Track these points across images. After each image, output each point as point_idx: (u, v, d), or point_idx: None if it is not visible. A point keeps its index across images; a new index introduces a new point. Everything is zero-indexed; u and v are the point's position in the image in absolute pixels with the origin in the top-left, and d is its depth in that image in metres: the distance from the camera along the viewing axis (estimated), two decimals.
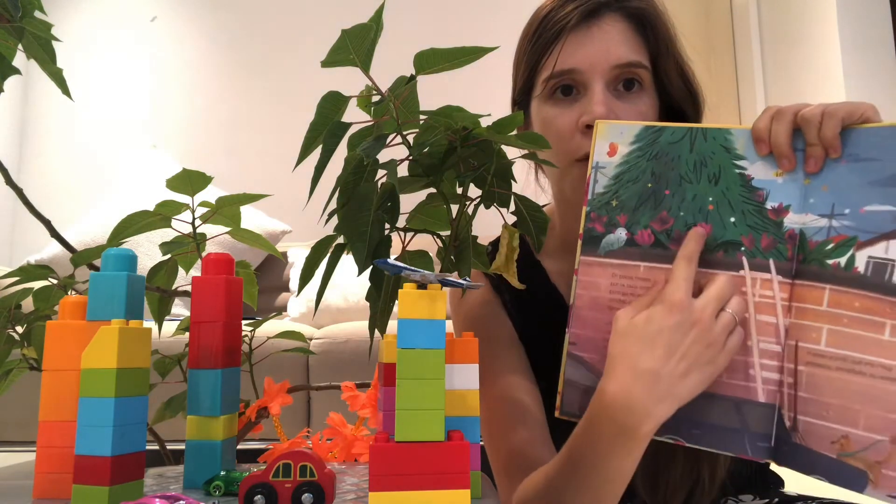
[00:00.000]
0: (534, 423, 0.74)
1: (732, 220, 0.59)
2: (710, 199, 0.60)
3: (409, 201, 0.61)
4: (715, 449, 0.58)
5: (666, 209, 0.62)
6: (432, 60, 0.58)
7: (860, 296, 0.53)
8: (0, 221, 2.92)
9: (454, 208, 0.62)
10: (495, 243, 0.82)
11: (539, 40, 0.74)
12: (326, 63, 0.57)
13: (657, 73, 0.75)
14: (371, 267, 0.59)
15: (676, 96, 0.76)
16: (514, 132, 0.59)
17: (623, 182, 0.64)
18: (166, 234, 0.76)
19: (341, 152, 0.59)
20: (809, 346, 0.55)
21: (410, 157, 0.60)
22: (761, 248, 0.58)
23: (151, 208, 0.75)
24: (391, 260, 0.51)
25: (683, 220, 0.61)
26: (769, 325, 0.57)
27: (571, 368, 0.64)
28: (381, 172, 0.59)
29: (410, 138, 0.59)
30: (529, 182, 0.87)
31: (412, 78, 0.58)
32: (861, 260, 0.54)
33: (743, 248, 0.59)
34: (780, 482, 0.87)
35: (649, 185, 0.63)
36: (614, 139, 0.64)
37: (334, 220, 0.60)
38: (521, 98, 0.80)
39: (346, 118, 0.59)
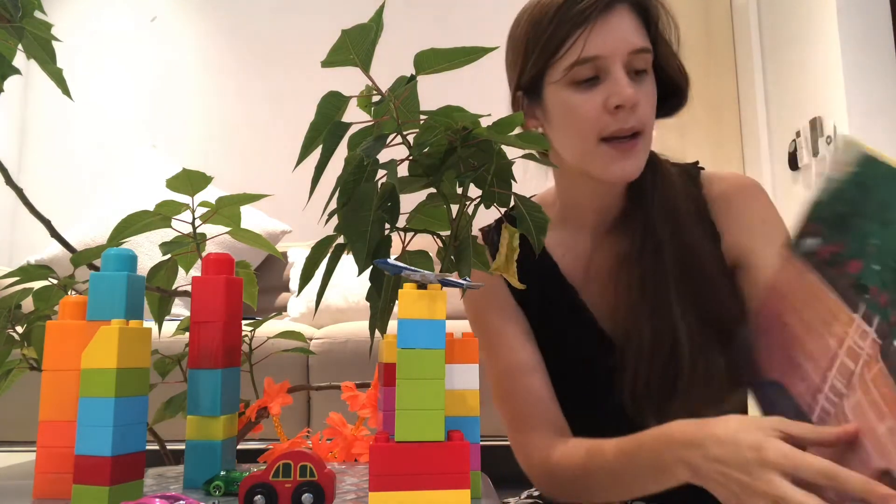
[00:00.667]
0: (537, 384, 0.80)
1: (877, 267, 0.57)
2: (879, 239, 0.57)
3: (409, 201, 0.61)
4: None
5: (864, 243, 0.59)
6: (432, 60, 0.58)
7: None
8: (0, 221, 2.92)
9: (454, 208, 0.62)
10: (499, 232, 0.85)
11: (557, 28, 0.76)
12: (326, 63, 0.57)
13: (656, 56, 0.80)
14: (371, 267, 0.59)
15: (673, 77, 0.82)
16: (515, 132, 0.59)
17: (842, 202, 0.61)
18: (166, 234, 0.76)
19: (341, 152, 0.59)
20: (863, 400, 0.56)
21: (410, 157, 0.60)
22: (879, 302, 0.56)
23: (151, 208, 0.75)
24: (391, 260, 0.51)
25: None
26: (847, 368, 0.58)
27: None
28: (381, 172, 0.59)
29: (410, 138, 0.59)
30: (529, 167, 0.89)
31: (412, 78, 0.58)
32: None
33: (867, 296, 0.57)
34: None
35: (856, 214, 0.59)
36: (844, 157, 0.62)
37: (334, 220, 0.60)
38: (532, 84, 0.81)
39: (346, 118, 0.59)
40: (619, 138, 0.76)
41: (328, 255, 0.63)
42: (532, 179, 0.92)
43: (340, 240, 0.62)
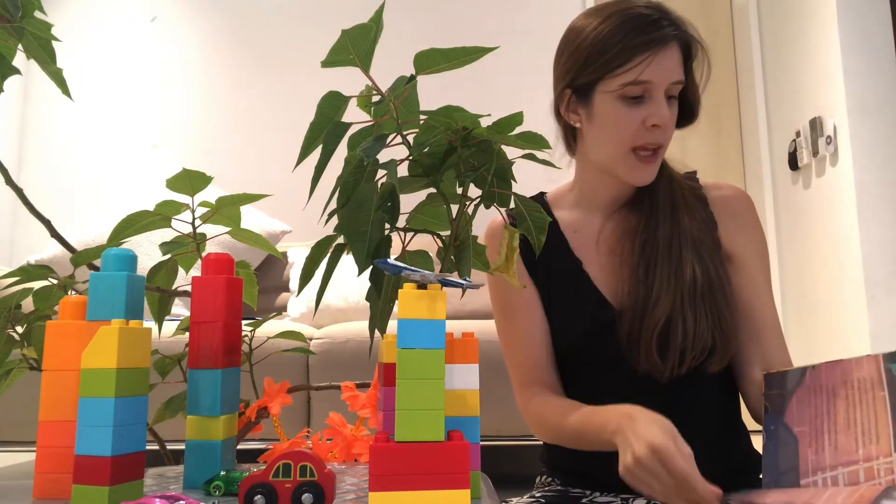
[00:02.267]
0: (537, 351, 0.94)
1: None
2: None
3: (409, 201, 0.61)
4: None
5: None
6: (432, 60, 0.58)
7: None
8: (0, 221, 2.92)
9: (454, 208, 0.62)
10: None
11: (624, 50, 0.88)
12: (326, 63, 0.57)
13: (685, 86, 0.93)
14: (371, 267, 0.59)
15: (693, 103, 0.96)
16: (516, 132, 0.59)
17: None
18: (166, 234, 0.76)
19: (341, 152, 0.59)
20: None
21: (410, 157, 0.60)
22: None
23: (151, 208, 0.75)
24: (391, 260, 0.51)
25: None
26: (856, 479, 0.62)
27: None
28: (381, 172, 0.59)
29: (410, 138, 0.59)
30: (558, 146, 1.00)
31: (412, 78, 0.58)
32: None
33: None
34: None
35: None
36: None
37: (334, 220, 0.60)
38: (585, 86, 0.92)
39: (346, 118, 0.59)
40: (645, 149, 0.90)
41: (328, 255, 0.63)
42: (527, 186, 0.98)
43: (340, 240, 0.62)
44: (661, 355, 0.85)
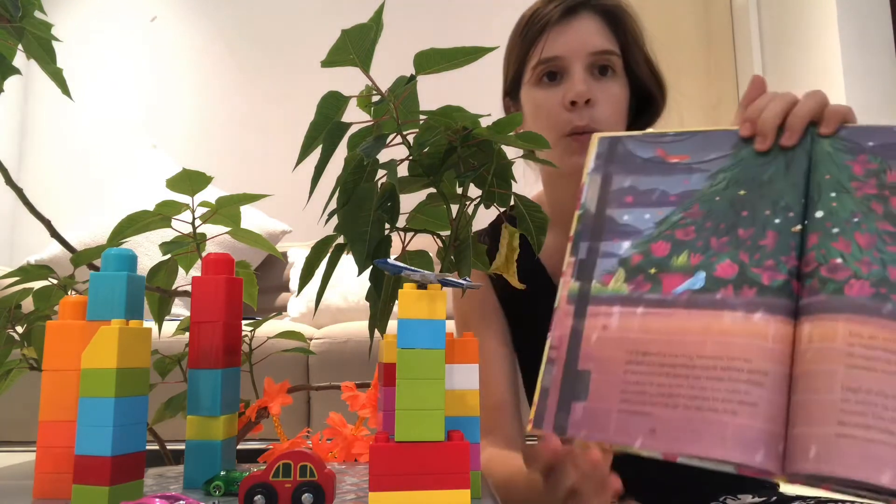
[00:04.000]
0: (500, 395, 0.88)
1: None
2: None
3: (409, 201, 0.61)
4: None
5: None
6: (432, 60, 0.58)
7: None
8: (0, 221, 2.92)
9: (454, 208, 0.62)
10: (493, 236, 0.89)
11: (527, 35, 0.85)
12: (326, 63, 0.57)
13: (627, 61, 0.86)
14: (371, 267, 0.59)
15: (645, 81, 0.88)
16: (514, 132, 0.59)
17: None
18: (166, 234, 0.76)
19: (341, 152, 0.59)
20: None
21: (410, 157, 0.60)
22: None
23: (151, 208, 0.75)
24: (391, 260, 0.51)
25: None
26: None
27: (549, 375, 0.54)
28: (381, 172, 0.59)
29: (410, 138, 0.59)
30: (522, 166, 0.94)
31: (412, 78, 0.58)
32: None
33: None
34: (776, 483, 0.87)
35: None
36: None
37: (334, 220, 0.60)
38: (512, 88, 0.90)
39: (346, 118, 0.59)
40: (578, 132, 0.82)
41: (328, 255, 0.63)
42: (526, 186, 0.95)
43: (340, 240, 0.62)
44: None
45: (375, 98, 0.60)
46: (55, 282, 0.75)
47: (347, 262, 0.62)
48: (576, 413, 0.51)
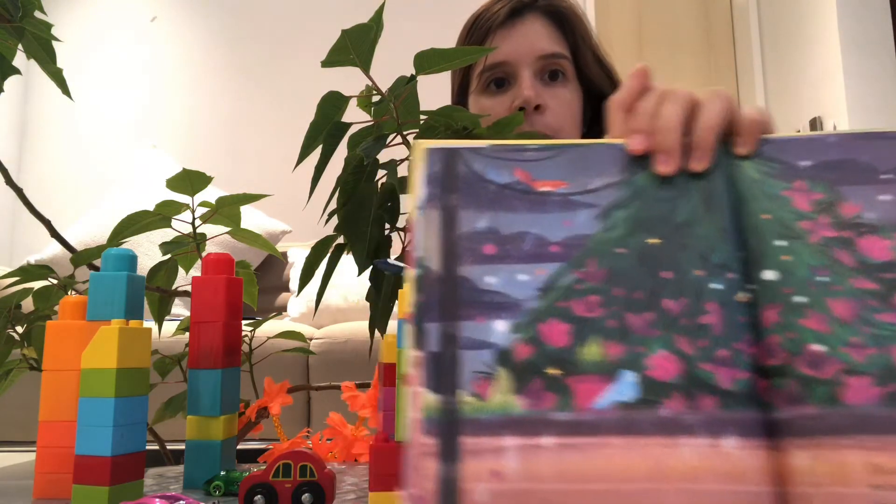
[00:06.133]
0: None
1: None
2: None
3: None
4: None
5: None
6: (432, 60, 0.58)
7: None
8: (0, 221, 2.92)
9: None
10: None
11: (471, 40, 0.81)
12: (326, 63, 0.57)
13: (577, 63, 0.82)
14: (371, 267, 0.59)
15: (597, 82, 0.83)
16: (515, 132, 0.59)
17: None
18: (166, 234, 0.76)
19: (341, 152, 0.59)
20: None
21: (410, 158, 0.60)
22: None
23: (151, 208, 0.75)
24: (391, 260, 0.51)
25: None
26: None
27: None
28: (381, 172, 0.59)
29: (410, 138, 0.59)
30: None
31: (412, 78, 0.58)
32: None
33: None
34: None
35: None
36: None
37: (334, 220, 0.60)
38: (460, 98, 0.86)
39: (346, 118, 0.59)
40: None
41: (328, 255, 0.63)
42: None
43: (340, 240, 0.62)
44: None
45: (375, 98, 0.60)
46: (55, 282, 0.75)
47: (347, 262, 0.62)
48: None
